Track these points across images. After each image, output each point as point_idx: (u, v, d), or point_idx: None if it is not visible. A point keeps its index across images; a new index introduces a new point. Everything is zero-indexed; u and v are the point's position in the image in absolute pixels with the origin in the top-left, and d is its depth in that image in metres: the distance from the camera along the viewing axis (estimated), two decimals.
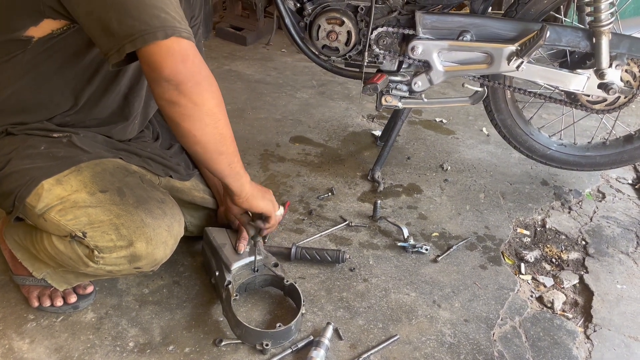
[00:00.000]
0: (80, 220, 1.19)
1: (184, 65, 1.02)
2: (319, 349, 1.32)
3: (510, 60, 1.74)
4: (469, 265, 1.70)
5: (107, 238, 1.19)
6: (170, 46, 1.01)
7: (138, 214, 1.21)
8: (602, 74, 1.78)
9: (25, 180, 1.19)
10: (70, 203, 1.19)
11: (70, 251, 1.24)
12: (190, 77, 1.03)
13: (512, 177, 2.18)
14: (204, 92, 1.06)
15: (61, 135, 1.26)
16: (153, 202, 1.25)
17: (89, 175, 1.22)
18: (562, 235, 1.87)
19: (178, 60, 1.01)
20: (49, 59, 1.19)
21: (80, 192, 1.20)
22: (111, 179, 1.24)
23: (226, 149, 1.16)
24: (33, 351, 1.32)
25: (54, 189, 1.19)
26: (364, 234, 1.80)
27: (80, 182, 1.21)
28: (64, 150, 1.25)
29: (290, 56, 3.23)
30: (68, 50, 1.19)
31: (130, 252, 1.21)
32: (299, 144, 2.33)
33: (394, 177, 2.14)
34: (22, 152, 1.22)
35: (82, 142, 1.28)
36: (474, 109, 2.68)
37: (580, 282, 1.68)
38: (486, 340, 1.43)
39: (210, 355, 1.34)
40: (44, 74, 1.21)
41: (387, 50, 1.81)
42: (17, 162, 1.21)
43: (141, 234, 1.20)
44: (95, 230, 1.19)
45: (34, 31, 1.14)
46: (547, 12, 1.79)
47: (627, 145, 2.04)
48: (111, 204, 1.20)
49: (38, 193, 1.19)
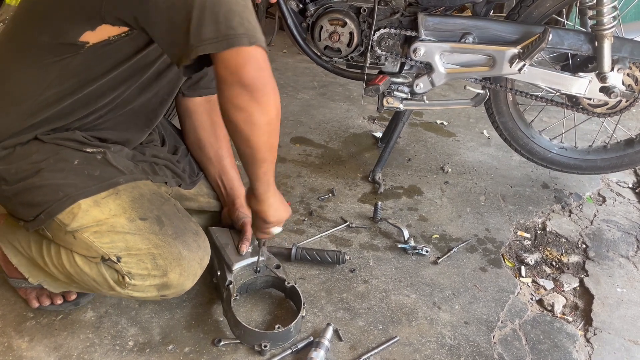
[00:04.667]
0: (117, 245, 1.19)
1: (260, 73, 1.04)
2: (318, 350, 1.32)
3: (512, 63, 1.74)
4: (469, 267, 1.70)
5: (142, 266, 1.21)
6: (252, 53, 1.03)
7: (176, 245, 1.23)
8: (604, 77, 1.78)
9: (59, 197, 1.18)
10: (107, 227, 1.19)
11: (95, 273, 1.24)
12: (263, 86, 1.05)
13: (512, 179, 2.18)
14: (271, 102, 1.08)
15: (95, 150, 1.26)
16: (189, 234, 1.27)
17: (128, 200, 1.23)
18: (563, 239, 1.87)
19: (256, 67, 1.04)
20: (100, 64, 1.18)
21: (119, 216, 1.21)
22: (150, 206, 1.25)
23: (269, 158, 1.18)
24: (32, 349, 1.32)
25: (91, 210, 1.19)
26: (364, 235, 1.80)
27: (119, 207, 1.22)
28: (99, 168, 1.24)
29: (291, 57, 3.23)
30: (120, 55, 1.18)
31: (162, 282, 1.23)
32: (300, 144, 2.33)
33: (395, 178, 2.14)
34: (54, 164, 1.21)
35: (116, 160, 1.27)
36: (475, 111, 2.68)
37: (581, 286, 1.67)
38: (486, 342, 1.43)
39: (209, 355, 1.34)
40: (91, 77, 1.19)
41: (389, 52, 1.81)
42: (49, 175, 1.19)
43: (177, 265, 1.23)
44: (132, 257, 1.20)
45: (90, 36, 1.13)
46: (549, 15, 1.80)
47: (628, 149, 2.04)
48: (150, 233, 1.21)
49: (73, 212, 1.19)
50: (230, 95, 1.06)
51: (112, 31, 1.13)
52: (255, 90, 1.05)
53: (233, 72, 1.03)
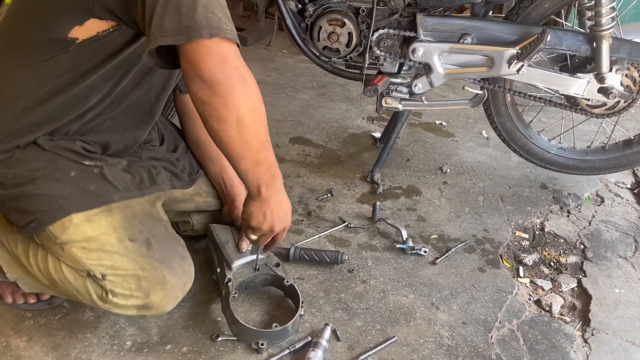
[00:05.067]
0: (103, 263, 1.20)
1: (221, 67, 1.03)
2: (316, 350, 1.32)
3: (511, 64, 1.74)
4: (467, 267, 1.70)
5: (126, 286, 1.22)
6: (210, 46, 1.01)
7: (161, 270, 1.23)
8: (602, 78, 1.78)
9: (52, 208, 1.19)
10: (96, 244, 1.20)
11: (80, 285, 1.25)
12: (225, 80, 1.04)
13: (511, 180, 2.19)
14: (237, 97, 1.07)
15: (92, 164, 1.25)
16: (176, 259, 1.28)
17: (120, 219, 1.23)
18: (561, 239, 1.88)
19: (217, 61, 1.02)
20: (90, 60, 1.18)
21: (109, 235, 1.21)
22: (140, 228, 1.25)
23: (247, 155, 1.16)
24: (30, 349, 1.32)
25: (82, 225, 1.20)
26: (362, 236, 1.80)
27: (111, 225, 1.22)
28: (95, 183, 1.24)
29: (290, 57, 3.23)
30: (109, 49, 1.18)
31: (143, 303, 1.24)
32: (299, 144, 2.33)
33: (393, 179, 2.14)
34: (50, 174, 1.21)
35: (112, 176, 1.27)
36: (473, 111, 2.69)
37: (579, 286, 1.68)
38: (484, 343, 1.43)
39: (207, 355, 1.34)
40: (81, 73, 1.19)
41: (387, 52, 1.81)
42: (44, 184, 1.19)
43: (160, 289, 1.23)
44: (117, 276, 1.21)
45: (79, 32, 1.12)
46: (547, 16, 1.80)
47: (626, 149, 2.04)
48: (138, 255, 1.22)
49: (64, 225, 1.19)
50: (194, 89, 1.06)
51: (101, 26, 1.13)
52: (216, 83, 1.03)
53: (192, 65, 1.02)
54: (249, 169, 1.19)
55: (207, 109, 1.07)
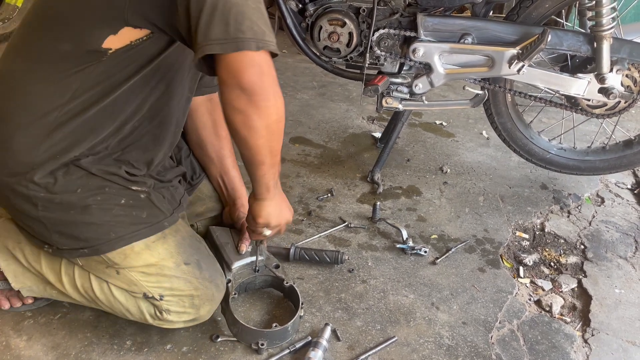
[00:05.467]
0: (162, 285, 1.26)
1: (260, 78, 1.06)
2: (316, 350, 1.32)
3: (511, 64, 1.74)
4: (467, 268, 1.70)
5: (181, 304, 1.28)
6: (256, 58, 1.04)
7: (211, 288, 1.31)
8: (603, 78, 1.78)
9: (111, 237, 1.22)
10: (155, 269, 1.26)
11: (132, 305, 1.29)
12: (262, 91, 1.07)
13: (511, 180, 2.19)
14: (270, 107, 1.10)
15: (139, 189, 1.27)
16: (218, 276, 1.35)
17: (174, 245, 1.29)
18: (561, 239, 1.88)
19: (258, 72, 1.05)
20: (123, 70, 1.16)
21: (166, 260, 1.27)
22: (191, 251, 1.32)
23: (268, 161, 1.20)
24: (30, 348, 1.32)
25: (143, 253, 1.25)
26: (363, 236, 1.80)
27: (167, 251, 1.28)
28: (146, 210, 1.27)
29: (291, 57, 3.23)
30: (141, 58, 1.16)
31: (194, 317, 1.31)
32: (299, 144, 2.33)
33: (394, 179, 2.14)
34: (102, 202, 1.22)
35: (158, 200, 1.30)
36: (474, 112, 2.69)
37: (579, 286, 1.68)
38: (484, 343, 1.43)
39: (207, 355, 1.34)
40: (115, 84, 1.17)
41: (388, 52, 1.81)
42: (98, 212, 1.22)
43: (208, 304, 1.32)
44: (174, 297, 1.27)
45: (113, 41, 1.11)
46: (548, 16, 1.80)
47: (627, 150, 2.04)
48: (192, 277, 1.29)
49: (125, 253, 1.24)
50: (229, 97, 1.08)
51: (134, 35, 1.12)
52: (254, 94, 1.06)
53: (234, 75, 1.04)
54: (266, 173, 1.23)
55: (240, 118, 1.10)
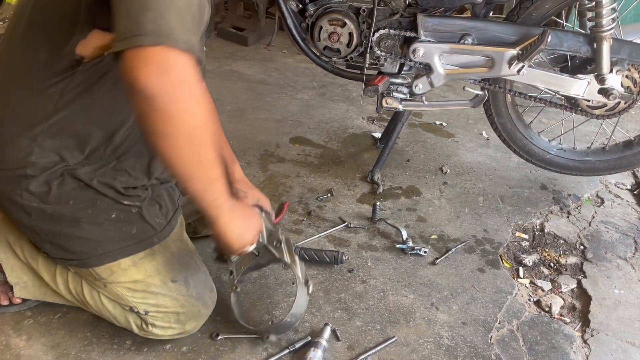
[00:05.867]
0: (148, 301, 1.26)
1: (160, 78, 0.89)
2: (316, 350, 1.32)
3: (511, 64, 1.74)
4: (467, 268, 1.70)
5: (166, 320, 1.28)
6: (150, 55, 0.88)
7: (197, 305, 1.30)
8: (603, 79, 1.78)
9: (98, 252, 1.22)
10: (142, 285, 1.25)
11: (119, 313, 1.30)
12: (166, 93, 0.90)
13: (511, 181, 2.19)
14: (183, 112, 0.94)
15: (131, 204, 1.25)
16: (207, 293, 1.34)
17: (162, 262, 1.27)
18: (561, 240, 1.88)
19: (156, 71, 0.89)
20: (101, 80, 1.12)
21: (153, 277, 1.26)
22: (179, 268, 1.30)
23: (200, 175, 1.04)
24: (30, 348, 1.32)
25: (130, 269, 1.24)
26: (362, 236, 1.80)
27: (154, 268, 1.26)
28: (136, 225, 1.25)
29: (291, 57, 3.23)
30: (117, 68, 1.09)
31: (179, 332, 1.31)
32: (299, 144, 2.33)
33: (394, 179, 2.14)
34: (93, 217, 1.20)
35: (149, 215, 1.27)
36: (474, 112, 2.69)
37: (578, 287, 1.68)
38: (484, 343, 1.43)
39: (207, 354, 1.34)
40: (95, 95, 1.13)
41: (388, 53, 1.81)
42: (88, 227, 1.20)
43: (194, 320, 1.31)
44: (160, 313, 1.27)
45: (84, 48, 1.06)
46: (548, 17, 1.80)
47: (627, 150, 2.04)
48: (178, 294, 1.28)
49: (111, 269, 1.23)
50: (132, 102, 0.93)
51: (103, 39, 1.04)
52: (153, 97, 0.90)
53: (127, 74, 0.90)
54: (205, 189, 1.08)
55: (146, 124, 0.95)
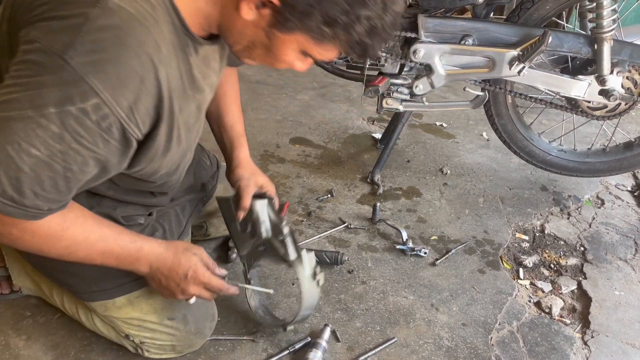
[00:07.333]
0: (144, 334, 1.26)
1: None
2: (316, 351, 1.32)
3: (512, 65, 1.74)
4: (467, 269, 1.70)
5: (162, 349, 1.28)
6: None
7: (194, 339, 1.30)
8: (603, 80, 1.78)
9: (92, 289, 1.21)
10: (137, 322, 1.24)
11: (114, 336, 1.30)
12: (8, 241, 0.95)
13: (511, 182, 2.18)
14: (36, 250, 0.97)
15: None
16: (207, 324, 1.32)
17: (159, 300, 1.25)
18: (561, 241, 1.87)
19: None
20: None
21: (149, 315, 1.24)
22: (178, 305, 1.26)
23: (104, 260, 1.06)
24: (29, 348, 1.32)
25: (124, 307, 1.23)
26: (362, 236, 1.80)
27: (151, 307, 1.24)
28: None
29: None
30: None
31: (174, 356, 1.31)
32: (299, 145, 2.33)
33: (394, 180, 2.14)
34: None
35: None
36: (474, 113, 2.69)
37: (579, 288, 1.67)
38: (484, 344, 1.43)
39: (207, 355, 1.34)
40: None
41: (389, 53, 1.81)
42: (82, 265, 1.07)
43: (190, 349, 1.32)
44: (155, 346, 1.27)
45: None
46: (549, 18, 1.80)
47: (627, 152, 2.04)
48: (176, 331, 1.27)
49: (106, 305, 1.23)
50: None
51: None
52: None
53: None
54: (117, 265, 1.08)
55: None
